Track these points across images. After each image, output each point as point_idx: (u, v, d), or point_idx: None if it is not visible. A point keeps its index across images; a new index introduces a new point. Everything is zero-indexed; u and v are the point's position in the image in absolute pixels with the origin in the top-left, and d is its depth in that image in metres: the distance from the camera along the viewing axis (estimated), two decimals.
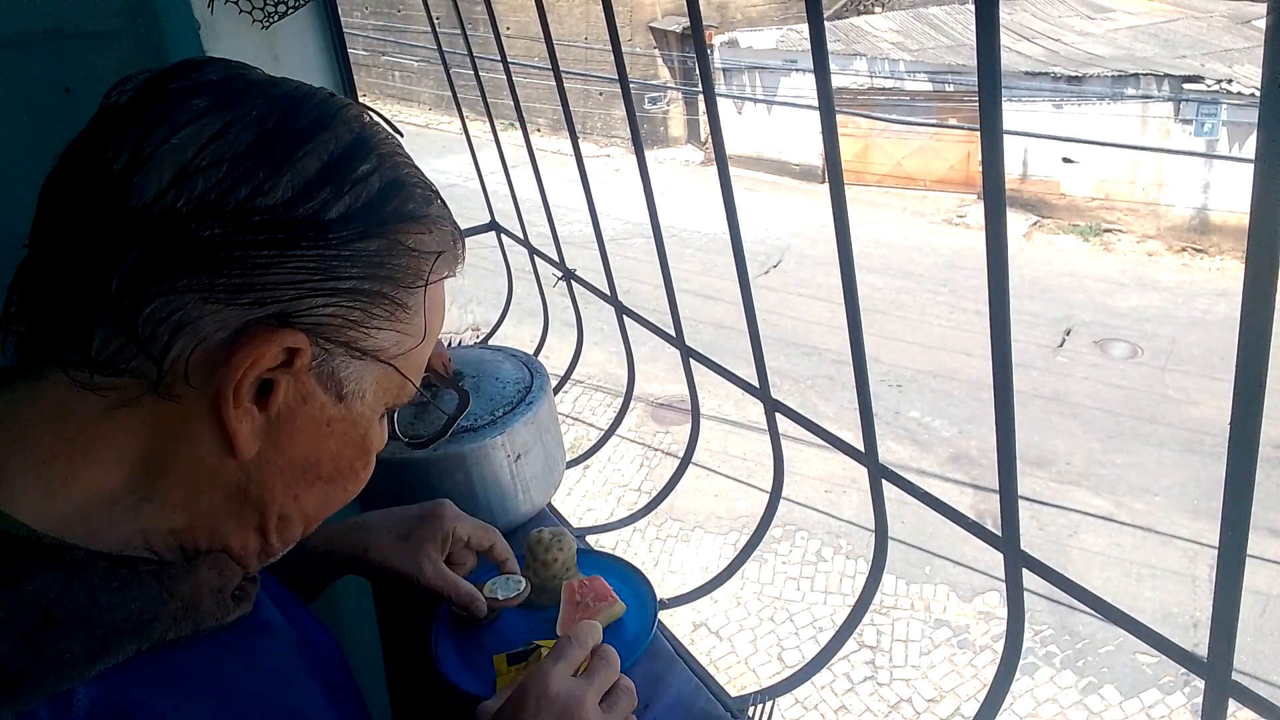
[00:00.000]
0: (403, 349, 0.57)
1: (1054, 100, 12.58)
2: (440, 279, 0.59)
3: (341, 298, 0.53)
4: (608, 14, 1.07)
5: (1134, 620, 0.72)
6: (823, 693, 6.38)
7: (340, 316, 0.53)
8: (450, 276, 0.61)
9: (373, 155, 0.54)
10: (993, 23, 0.58)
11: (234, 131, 0.50)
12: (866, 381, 0.90)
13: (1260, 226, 0.49)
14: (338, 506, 0.62)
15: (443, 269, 0.59)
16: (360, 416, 0.58)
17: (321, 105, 0.54)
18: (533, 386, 1.22)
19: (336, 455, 0.58)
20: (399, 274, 0.55)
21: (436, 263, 0.58)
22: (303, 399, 0.54)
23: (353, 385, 0.56)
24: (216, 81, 0.52)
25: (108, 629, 0.49)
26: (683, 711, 0.94)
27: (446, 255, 0.59)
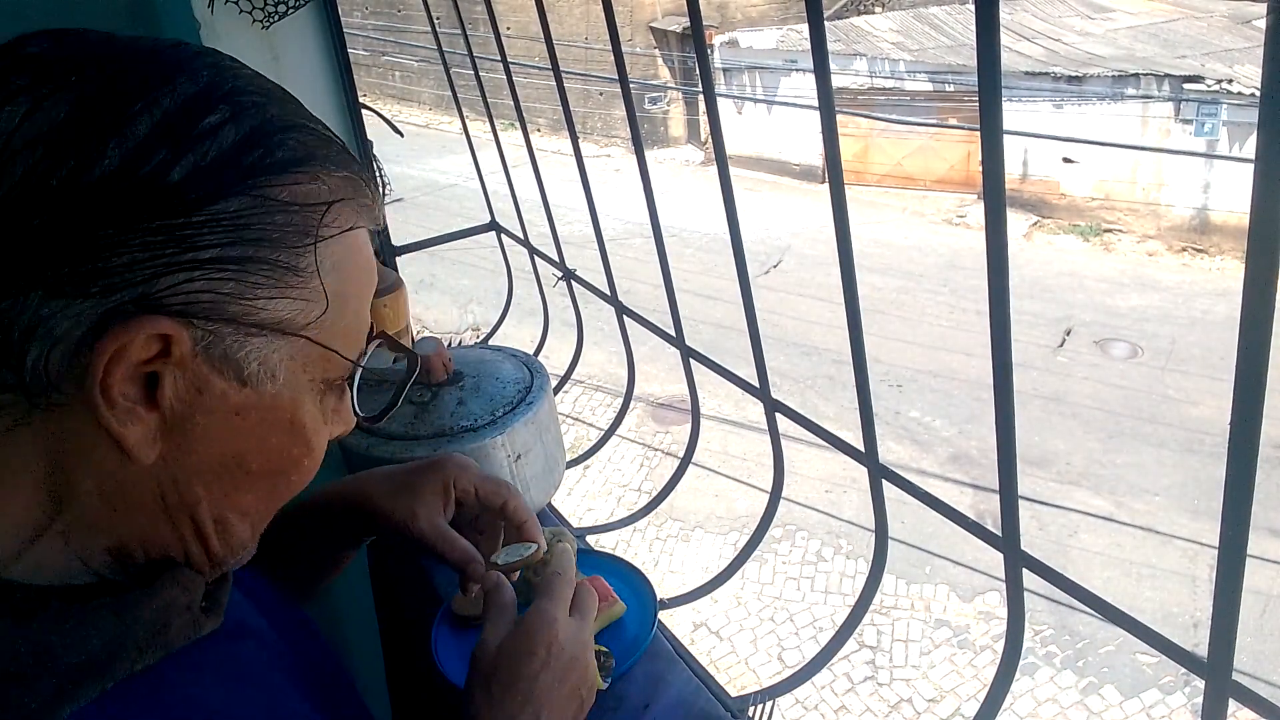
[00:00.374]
0: (310, 317, 0.51)
1: (1054, 100, 12.58)
2: (339, 233, 0.52)
3: (206, 270, 0.46)
4: (608, 14, 1.07)
5: (1134, 620, 0.72)
6: (823, 693, 6.38)
7: (210, 291, 0.46)
8: (357, 228, 0.53)
9: (223, 105, 0.47)
10: (993, 23, 0.58)
11: (49, 105, 0.44)
12: (866, 381, 0.90)
13: (1260, 226, 0.49)
14: (283, 499, 0.57)
15: (343, 220, 0.52)
16: (279, 399, 0.51)
17: (162, 58, 0.48)
18: (533, 386, 1.22)
19: (262, 445, 0.52)
20: (275, 234, 0.48)
21: (329, 214, 0.51)
22: (197, 390, 0.48)
23: (254, 366, 0.49)
24: (38, 53, 0.47)
25: (66, 675, 0.46)
26: (683, 711, 0.94)
27: (347, 204, 0.52)
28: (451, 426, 1.14)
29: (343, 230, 0.52)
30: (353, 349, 0.55)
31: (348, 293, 0.53)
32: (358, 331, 0.56)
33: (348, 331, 0.54)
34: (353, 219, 0.53)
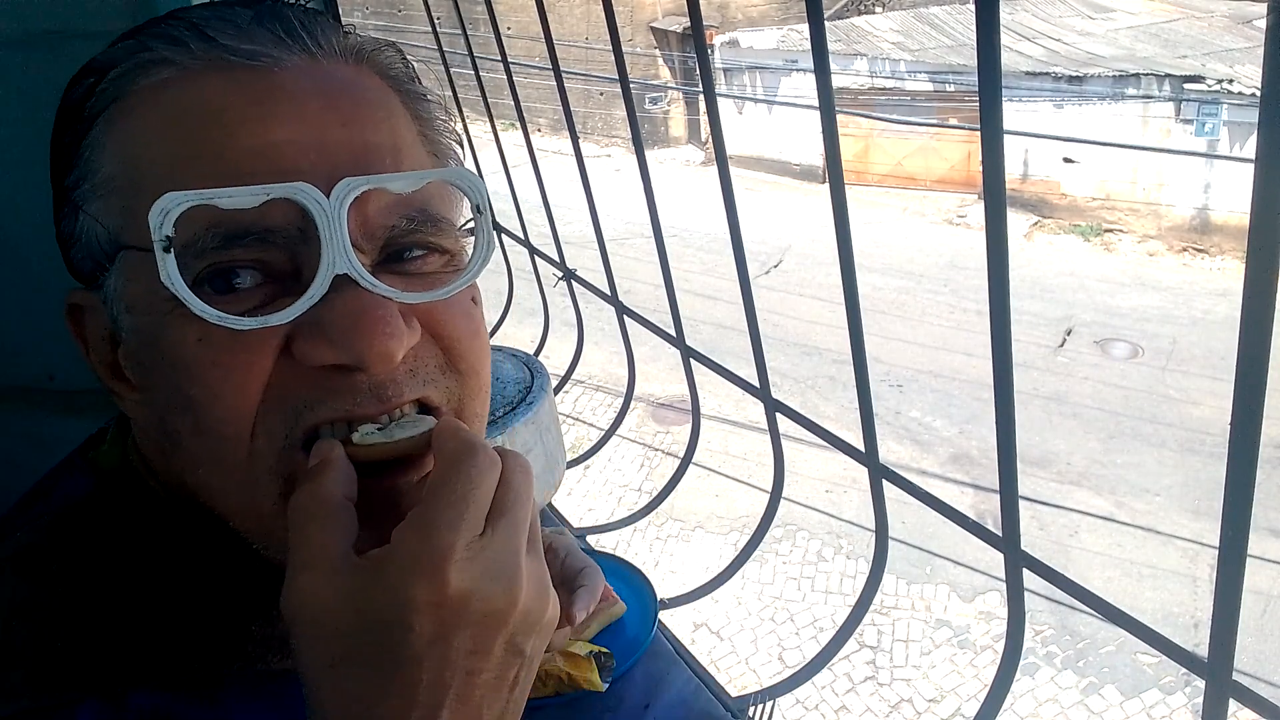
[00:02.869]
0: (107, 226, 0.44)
1: (1055, 100, 12.58)
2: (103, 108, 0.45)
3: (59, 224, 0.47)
4: (608, 14, 1.07)
5: (1135, 620, 0.72)
6: (823, 693, 6.38)
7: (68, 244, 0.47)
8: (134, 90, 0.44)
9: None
10: (993, 23, 0.58)
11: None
12: (867, 381, 0.90)
13: (1260, 226, 0.49)
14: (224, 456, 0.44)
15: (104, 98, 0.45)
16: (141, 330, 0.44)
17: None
18: (533, 386, 1.22)
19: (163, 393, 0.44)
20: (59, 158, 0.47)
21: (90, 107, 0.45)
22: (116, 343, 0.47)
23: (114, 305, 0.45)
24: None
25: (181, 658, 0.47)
26: (683, 711, 0.94)
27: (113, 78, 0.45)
28: None
29: (102, 108, 0.45)
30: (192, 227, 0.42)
31: (144, 162, 0.43)
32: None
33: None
34: (131, 80, 0.45)
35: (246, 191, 0.40)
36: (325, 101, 0.44)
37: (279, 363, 0.42)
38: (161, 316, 0.42)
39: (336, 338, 0.41)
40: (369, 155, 0.44)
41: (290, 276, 0.42)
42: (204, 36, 0.44)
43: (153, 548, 0.49)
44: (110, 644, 0.45)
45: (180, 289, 0.40)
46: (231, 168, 0.41)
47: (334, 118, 0.44)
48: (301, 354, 0.41)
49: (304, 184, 0.40)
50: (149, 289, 0.41)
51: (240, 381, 0.41)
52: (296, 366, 0.42)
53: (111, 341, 0.46)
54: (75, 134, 0.45)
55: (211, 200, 0.39)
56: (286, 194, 0.40)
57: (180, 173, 0.41)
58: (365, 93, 0.46)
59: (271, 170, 0.41)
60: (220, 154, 0.41)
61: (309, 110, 0.43)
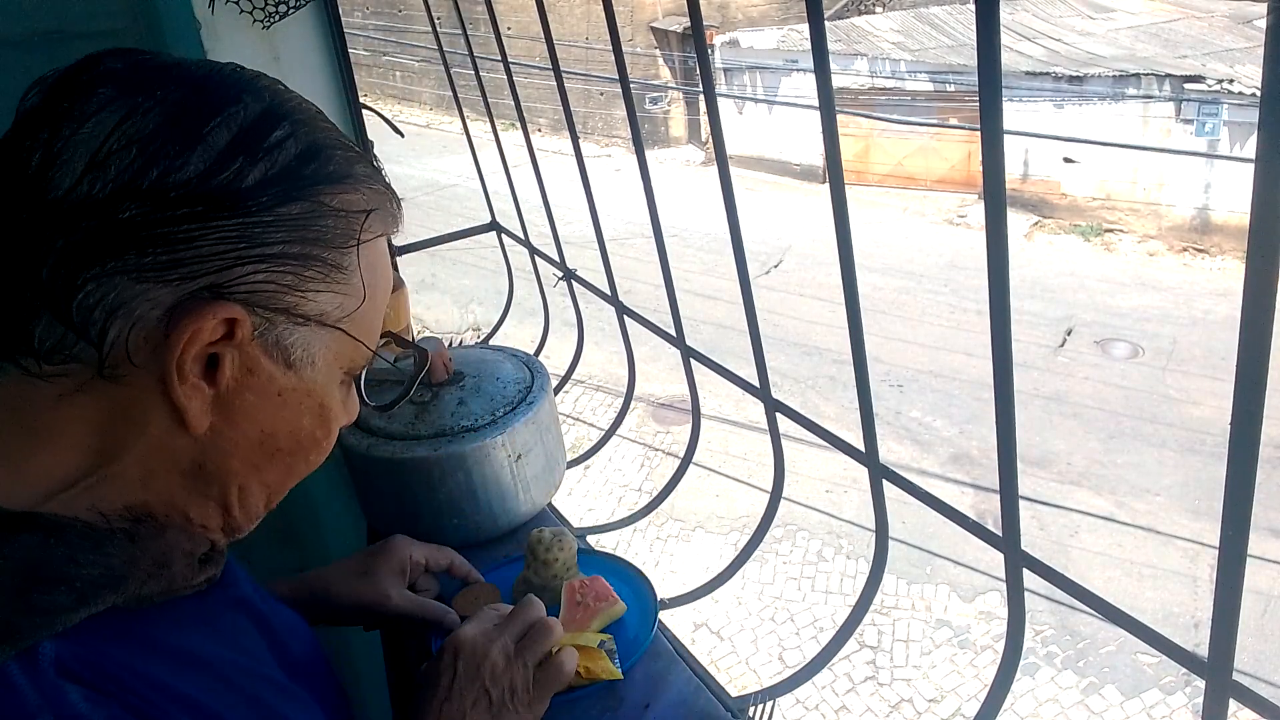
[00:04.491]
0: (346, 311, 0.58)
1: (1055, 100, 12.57)
2: (375, 237, 0.59)
3: (270, 264, 0.53)
4: (608, 14, 1.07)
5: (1135, 620, 0.72)
6: (824, 693, 6.38)
7: (272, 283, 0.53)
8: (387, 234, 0.61)
9: (285, 122, 0.55)
10: (993, 23, 0.58)
11: (140, 114, 0.51)
12: (867, 381, 0.90)
13: (1260, 226, 0.49)
14: (299, 477, 0.63)
15: (376, 227, 0.59)
16: (314, 384, 0.58)
17: (229, 79, 0.55)
18: (533, 386, 1.22)
19: (294, 426, 0.59)
20: (327, 235, 0.55)
21: (367, 221, 0.58)
22: (250, 370, 0.55)
23: (299, 352, 0.56)
24: (119, 70, 0.53)
25: (87, 583, 0.52)
26: (683, 711, 0.94)
27: (379, 213, 0.59)
28: (452, 426, 1.14)
29: (375, 235, 0.59)
30: (374, 342, 0.62)
31: (376, 291, 0.60)
32: (376, 328, 0.62)
33: (372, 327, 0.61)
34: (382, 226, 0.60)
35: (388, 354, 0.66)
36: None
37: None
38: (332, 385, 0.61)
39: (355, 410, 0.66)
40: None
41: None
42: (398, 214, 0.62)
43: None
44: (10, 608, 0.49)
45: (360, 390, 0.67)
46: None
47: None
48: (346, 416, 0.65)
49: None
50: (335, 366, 0.60)
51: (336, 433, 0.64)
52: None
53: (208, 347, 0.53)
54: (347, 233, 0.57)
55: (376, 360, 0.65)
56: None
57: (379, 319, 0.62)
58: None
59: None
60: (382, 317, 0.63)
61: None
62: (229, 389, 0.54)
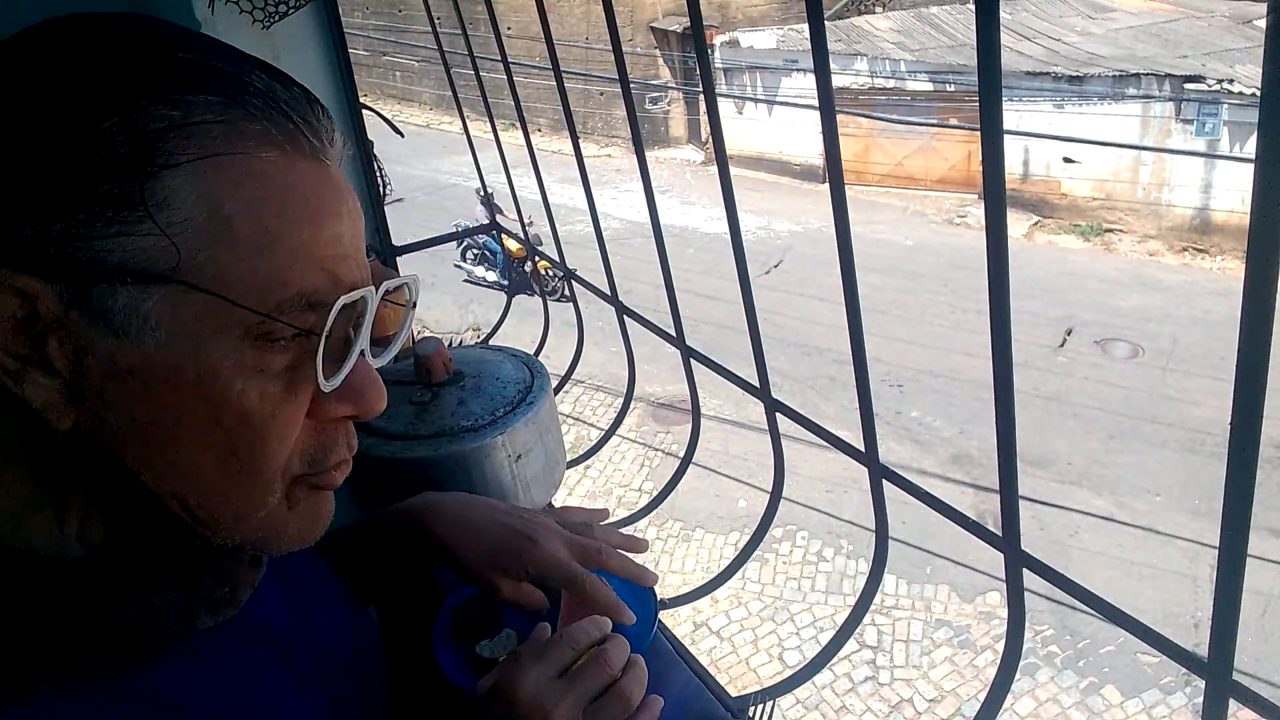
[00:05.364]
0: (182, 258, 0.44)
1: (1055, 100, 12.58)
2: (197, 159, 0.45)
3: (32, 212, 0.42)
4: (608, 14, 1.07)
5: (1135, 620, 0.72)
6: (823, 693, 6.38)
7: (42, 236, 0.43)
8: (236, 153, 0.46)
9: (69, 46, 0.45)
10: (993, 23, 0.58)
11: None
12: (867, 381, 0.90)
13: (1260, 226, 0.49)
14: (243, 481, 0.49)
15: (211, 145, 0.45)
16: (175, 356, 0.45)
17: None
18: (533, 386, 1.22)
19: (175, 412, 0.46)
20: (102, 166, 0.43)
21: (173, 141, 0.44)
22: (84, 349, 0.44)
23: (127, 317, 0.44)
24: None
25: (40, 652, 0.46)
26: (683, 711, 0.94)
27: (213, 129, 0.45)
28: (452, 426, 1.14)
29: (203, 156, 0.45)
30: (272, 294, 0.46)
31: (235, 227, 0.45)
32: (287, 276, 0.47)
33: (265, 274, 0.46)
34: (231, 140, 0.45)
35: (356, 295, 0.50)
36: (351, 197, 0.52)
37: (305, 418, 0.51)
38: (217, 361, 0.46)
39: (355, 399, 0.52)
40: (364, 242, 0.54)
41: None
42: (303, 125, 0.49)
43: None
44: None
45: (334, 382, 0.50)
46: (327, 267, 0.49)
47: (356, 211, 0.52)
48: (329, 410, 0.51)
49: (370, 289, 0.51)
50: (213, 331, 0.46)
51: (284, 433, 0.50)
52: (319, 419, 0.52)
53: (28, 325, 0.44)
54: (152, 157, 0.44)
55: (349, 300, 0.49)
56: (366, 296, 0.51)
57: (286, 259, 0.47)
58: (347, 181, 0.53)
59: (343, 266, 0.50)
60: (315, 250, 0.48)
61: (351, 206, 0.52)
62: (76, 375, 0.45)
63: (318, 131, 0.50)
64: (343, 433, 0.54)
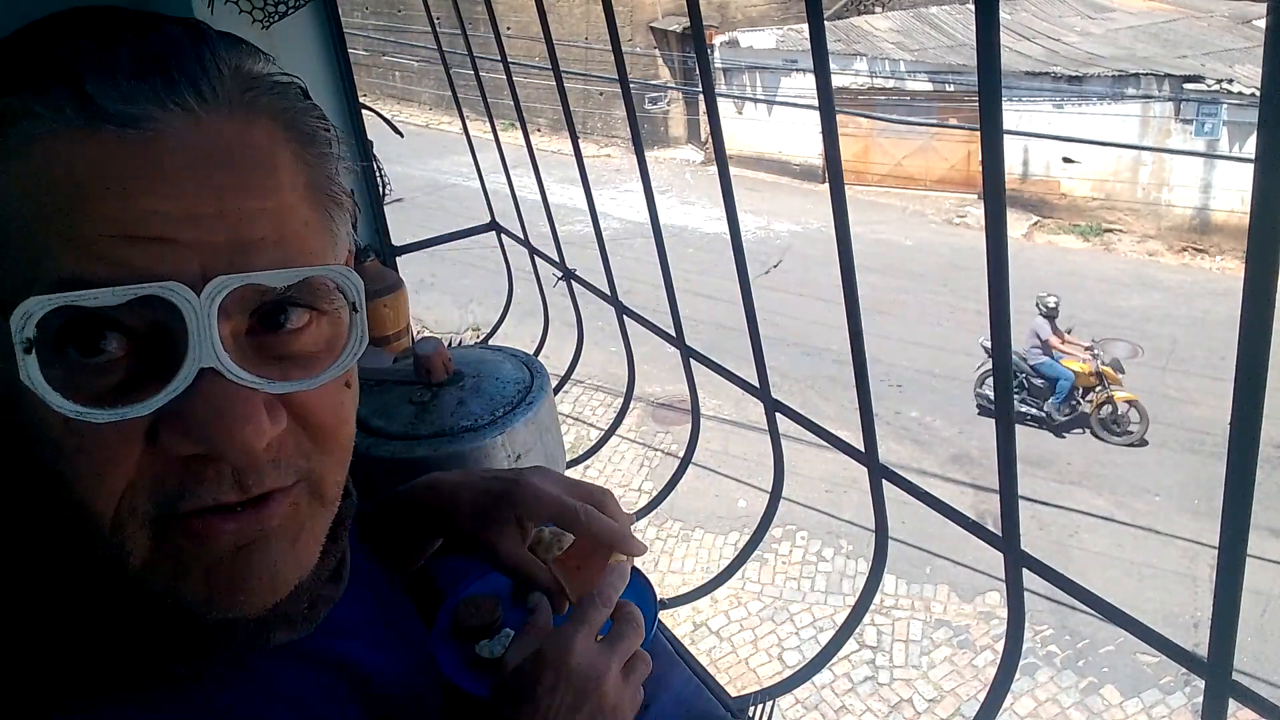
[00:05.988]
0: None
1: (1054, 100, 12.58)
2: None
3: None
4: (608, 14, 1.07)
5: (1134, 620, 0.72)
6: (823, 693, 6.38)
7: None
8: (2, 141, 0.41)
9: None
10: (993, 23, 0.58)
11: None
12: (867, 381, 0.90)
13: (1260, 226, 0.49)
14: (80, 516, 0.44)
15: None
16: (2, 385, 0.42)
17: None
18: (533, 386, 1.22)
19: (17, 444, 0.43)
20: None
21: None
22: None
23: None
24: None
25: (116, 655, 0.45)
26: (683, 711, 0.94)
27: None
28: (452, 426, 1.14)
29: None
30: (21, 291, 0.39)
31: (1, 228, 0.41)
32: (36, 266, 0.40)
33: (19, 279, 0.40)
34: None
35: (110, 293, 0.39)
36: (202, 171, 0.42)
37: (146, 449, 0.42)
38: (22, 385, 0.39)
39: (196, 430, 0.41)
40: (245, 226, 0.43)
41: (157, 342, 0.42)
42: (80, 93, 0.41)
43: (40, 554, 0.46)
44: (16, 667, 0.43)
45: (42, 389, 0.39)
46: (97, 250, 0.40)
47: (209, 189, 0.42)
48: (165, 444, 0.42)
49: (175, 284, 0.40)
50: (5, 354, 0.40)
51: (107, 471, 0.41)
52: (161, 452, 0.42)
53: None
54: None
55: (75, 302, 0.39)
56: (156, 293, 0.40)
57: (44, 250, 0.40)
58: (248, 153, 0.44)
59: (138, 253, 0.40)
60: (82, 233, 0.40)
61: (183, 182, 0.41)
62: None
63: (132, 94, 0.41)
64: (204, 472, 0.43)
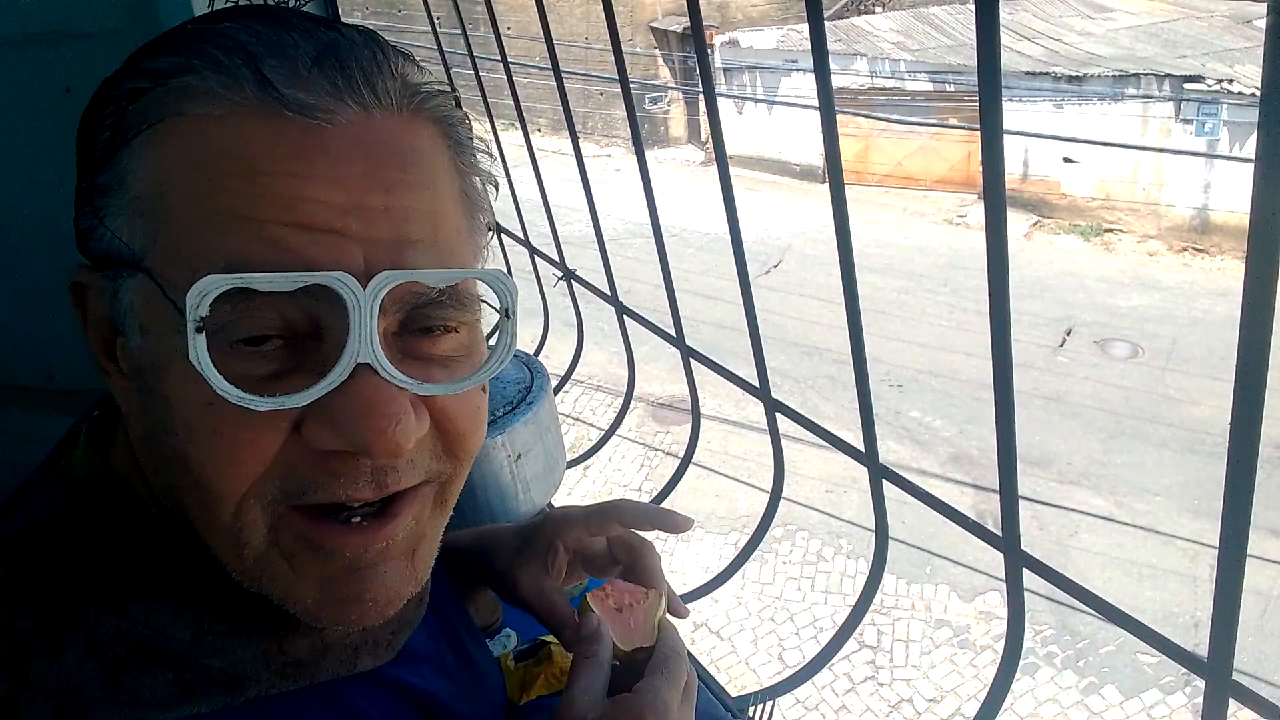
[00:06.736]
0: (138, 241, 0.42)
1: (1054, 100, 12.58)
2: (147, 126, 0.42)
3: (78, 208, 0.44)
4: (608, 14, 1.07)
5: (1134, 620, 0.72)
6: (823, 693, 6.38)
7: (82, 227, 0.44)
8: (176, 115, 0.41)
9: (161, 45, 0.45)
10: (993, 23, 0.58)
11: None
12: (867, 381, 0.90)
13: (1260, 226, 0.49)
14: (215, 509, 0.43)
15: (157, 110, 0.42)
16: (149, 357, 0.42)
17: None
18: (533, 386, 1.22)
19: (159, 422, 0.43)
20: (91, 144, 0.43)
21: (129, 117, 0.42)
22: (124, 348, 0.44)
23: (125, 314, 0.42)
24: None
25: (200, 676, 0.43)
26: None
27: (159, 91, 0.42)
28: None
29: (146, 126, 0.42)
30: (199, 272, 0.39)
31: (173, 198, 0.41)
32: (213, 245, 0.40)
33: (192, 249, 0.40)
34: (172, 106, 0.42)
35: (284, 278, 0.39)
36: (371, 165, 0.42)
37: (286, 440, 0.41)
38: (172, 361, 0.40)
39: (345, 427, 0.41)
40: (407, 224, 0.43)
41: (311, 336, 0.42)
42: (260, 78, 0.41)
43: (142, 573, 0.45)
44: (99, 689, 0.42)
45: (208, 371, 0.39)
46: (268, 235, 0.40)
47: (377, 183, 0.42)
48: (311, 437, 0.41)
49: (343, 275, 0.40)
50: (165, 326, 0.40)
51: (242, 457, 0.41)
52: (301, 444, 0.41)
53: (110, 327, 0.44)
54: (117, 135, 0.42)
55: (250, 284, 0.39)
56: (325, 283, 0.39)
57: (215, 227, 0.40)
58: (414, 153, 0.44)
59: (308, 241, 0.40)
60: (254, 215, 0.40)
61: (353, 174, 0.42)
62: (128, 372, 0.44)
63: (312, 86, 0.42)
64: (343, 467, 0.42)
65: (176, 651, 0.43)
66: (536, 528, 0.74)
